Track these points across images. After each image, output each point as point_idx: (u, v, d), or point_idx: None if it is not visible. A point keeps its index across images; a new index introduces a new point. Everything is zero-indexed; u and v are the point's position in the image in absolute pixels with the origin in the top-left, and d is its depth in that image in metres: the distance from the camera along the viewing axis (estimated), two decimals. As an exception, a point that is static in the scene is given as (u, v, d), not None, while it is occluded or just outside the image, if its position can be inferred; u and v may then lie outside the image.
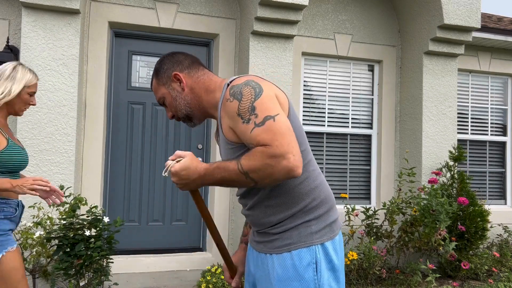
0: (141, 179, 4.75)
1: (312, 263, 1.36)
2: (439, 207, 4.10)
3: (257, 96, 1.30)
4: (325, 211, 1.42)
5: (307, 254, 1.36)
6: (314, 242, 1.37)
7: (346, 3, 5.24)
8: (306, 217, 1.39)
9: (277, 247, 1.40)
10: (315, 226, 1.39)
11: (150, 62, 4.80)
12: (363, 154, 5.39)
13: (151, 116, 4.78)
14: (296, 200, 1.39)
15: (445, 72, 5.10)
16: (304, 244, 1.37)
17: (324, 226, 1.41)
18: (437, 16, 4.83)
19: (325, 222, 1.41)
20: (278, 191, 1.40)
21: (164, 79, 1.51)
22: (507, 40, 5.59)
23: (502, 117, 6.07)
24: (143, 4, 4.49)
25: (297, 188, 1.39)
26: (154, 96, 1.67)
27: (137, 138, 4.74)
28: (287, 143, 1.22)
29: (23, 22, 3.83)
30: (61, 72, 3.90)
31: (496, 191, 6.01)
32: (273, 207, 1.41)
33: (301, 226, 1.39)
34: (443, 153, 5.03)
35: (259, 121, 1.26)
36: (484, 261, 4.50)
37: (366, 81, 5.43)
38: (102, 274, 3.41)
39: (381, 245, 4.81)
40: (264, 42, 4.45)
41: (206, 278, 3.83)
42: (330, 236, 1.41)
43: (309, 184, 1.41)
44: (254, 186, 1.32)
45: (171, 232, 4.87)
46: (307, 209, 1.40)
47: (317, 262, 1.36)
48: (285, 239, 1.39)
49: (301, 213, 1.39)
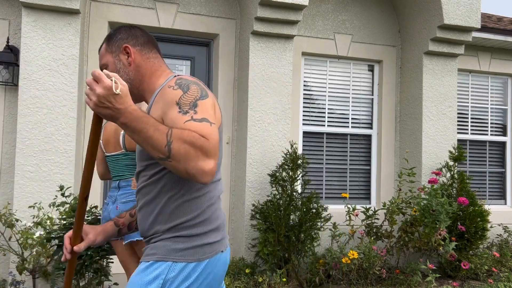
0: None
1: (160, 278, 1.32)
2: (439, 207, 4.10)
3: (202, 97, 1.30)
4: (201, 232, 1.38)
5: (160, 268, 1.33)
6: (173, 259, 1.34)
7: (346, 3, 5.24)
8: (177, 233, 1.36)
9: (146, 255, 1.39)
10: (182, 244, 1.35)
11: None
12: (363, 154, 5.39)
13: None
14: (177, 215, 1.36)
15: (445, 72, 5.10)
16: (161, 258, 1.34)
17: (193, 246, 1.36)
18: (437, 16, 4.84)
19: (196, 243, 1.36)
20: (166, 197, 1.37)
21: (114, 48, 1.50)
22: (507, 40, 5.59)
23: (502, 117, 6.07)
24: (143, 4, 4.49)
25: (184, 205, 1.37)
26: (98, 60, 1.60)
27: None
28: (215, 151, 1.21)
29: (23, 22, 3.83)
30: (61, 72, 3.90)
31: (496, 191, 6.01)
32: (155, 212, 1.38)
33: (169, 240, 1.36)
34: (443, 153, 5.03)
35: (197, 117, 1.24)
36: (484, 261, 4.50)
37: (366, 81, 5.43)
38: (102, 274, 3.41)
39: (381, 245, 4.81)
40: (264, 42, 4.45)
41: (206, 278, 3.83)
42: (198, 258, 1.36)
43: (197, 204, 1.38)
44: (160, 160, 1.23)
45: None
46: (183, 226, 1.36)
47: (166, 279, 1.32)
48: (152, 248, 1.38)
49: (176, 229, 1.36)
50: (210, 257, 1.38)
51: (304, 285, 3.97)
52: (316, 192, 4.12)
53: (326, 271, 3.99)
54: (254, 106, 4.40)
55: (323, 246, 4.81)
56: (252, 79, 4.40)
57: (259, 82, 4.42)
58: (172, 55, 4.84)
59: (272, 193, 4.20)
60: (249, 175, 4.35)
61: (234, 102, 4.77)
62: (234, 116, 4.76)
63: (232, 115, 4.76)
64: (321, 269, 3.98)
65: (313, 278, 3.98)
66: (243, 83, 4.57)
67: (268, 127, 4.43)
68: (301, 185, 4.33)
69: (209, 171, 1.19)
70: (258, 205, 4.14)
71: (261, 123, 4.41)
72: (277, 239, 3.90)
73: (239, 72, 4.74)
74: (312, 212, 4.00)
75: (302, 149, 5.12)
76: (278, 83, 4.48)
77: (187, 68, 4.93)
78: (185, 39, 4.80)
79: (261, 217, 4.01)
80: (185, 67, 4.92)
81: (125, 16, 4.43)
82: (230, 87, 4.77)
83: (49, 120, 3.85)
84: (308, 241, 4.00)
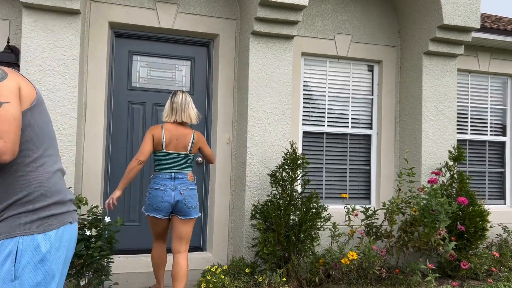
0: (141, 179, 4.76)
1: (12, 254, 1.38)
2: (439, 207, 4.11)
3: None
4: (42, 206, 1.46)
5: (9, 244, 1.39)
6: (20, 234, 1.40)
7: (346, 4, 5.25)
8: (18, 209, 1.43)
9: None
10: (24, 218, 1.42)
11: (150, 62, 4.81)
12: (363, 154, 5.40)
13: (151, 116, 4.79)
14: (14, 192, 1.43)
15: (445, 72, 5.11)
16: (8, 235, 1.40)
17: (36, 219, 1.43)
18: (437, 16, 4.84)
19: (39, 215, 1.44)
20: (4, 178, 1.43)
21: None
22: (507, 40, 5.60)
23: (502, 117, 6.08)
24: (144, 5, 4.50)
25: (18, 180, 1.43)
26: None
27: (137, 138, 4.75)
28: (4, 130, 1.30)
29: (24, 23, 3.84)
30: (62, 72, 3.91)
31: (496, 191, 6.02)
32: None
33: (11, 218, 1.42)
34: (442, 153, 5.04)
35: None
36: (484, 261, 4.50)
37: (365, 81, 5.44)
38: (102, 274, 3.41)
39: (380, 245, 4.82)
40: (264, 42, 4.46)
41: (206, 278, 3.84)
42: (44, 229, 1.44)
43: (30, 179, 1.45)
44: None
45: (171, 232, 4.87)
46: (21, 202, 1.43)
47: (18, 253, 1.38)
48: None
49: (15, 206, 1.43)
50: (56, 227, 1.48)
51: (304, 285, 3.97)
52: (316, 192, 4.13)
53: (326, 270, 4.00)
54: (254, 106, 4.41)
55: (323, 246, 4.82)
56: (252, 79, 4.41)
57: (259, 82, 4.43)
58: (172, 55, 4.85)
59: (272, 193, 4.21)
60: (249, 175, 4.36)
61: (234, 102, 4.78)
62: (234, 116, 4.77)
63: (232, 115, 4.77)
64: (321, 268, 3.99)
65: (313, 278, 3.99)
66: (243, 83, 4.58)
67: (268, 127, 4.44)
68: (301, 185, 4.34)
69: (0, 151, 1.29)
70: (258, 205, 4.15)
71: (261, 123, 4.42)
72: (277, 239, 3.90)
73: (239, 72, 4.75)
74: (312, 212, 4.01)
75: (302, 149, 5.12)
76: (278, 83, 4.49)
77: (187, 68, 4.93)
78: (185, 39, 4.81)
79: (261, 217, 4.01)
80: (185, 67, 4.93)
81: (125, 16, 4.43)
82: (230, 87, 4.78)
83: (49, 120, 3.85)
84: (308, 241, 4.00)
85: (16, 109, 1.36)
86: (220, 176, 4.69)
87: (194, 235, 4.90)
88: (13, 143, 1.32)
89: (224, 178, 4.71)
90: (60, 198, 1.52)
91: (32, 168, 1.46)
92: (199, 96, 4.96)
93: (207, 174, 4.89)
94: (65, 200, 1.55)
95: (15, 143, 1.33)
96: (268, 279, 3.87)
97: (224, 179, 4.71)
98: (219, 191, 4.68)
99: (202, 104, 4.96)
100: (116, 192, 3.29)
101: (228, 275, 3.95)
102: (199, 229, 4.94)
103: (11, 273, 1.37)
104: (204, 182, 4.92)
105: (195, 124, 4.80)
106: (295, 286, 3.99)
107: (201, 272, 4.33)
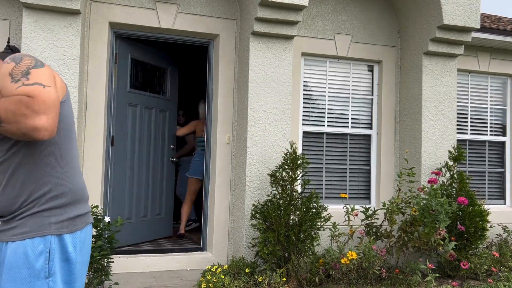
0: (142, 179, 4.76)
1: (45, 252, 1.39)
2: (439, 207, 4.11)
3: (36, 66, 1.35)
4: (69, 202, 1.46)
5: (41, 243, 1.39)
6: (50, 233, 1.40)
7: (346, 4, 5.26)
8: (46, 205, 1.42)
9: (14, 235, 1.41)
10: (54, 218, 1.42)
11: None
12: (363, 154, 5.40)
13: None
14: (42, 185, 1.42)
15: (445, 72, 5.12)
16: (40, 233, 1.40)
17: (66, 219, 1.44)
18: (437, 17, 4.85)
19: (68, 215, 1.45)
20: (24, 171, 1.41)
21: None
22: (507, 41, 5.60)
23: (502, 117, 6.09)
24: (144, 5, 4.50)
25: (45, 174, 1.42)
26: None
27: (137, 138, 4.75)
28: (48, 107, 1.26)
29: (24, 23, 3.84)
30: (62, 72, 3.91)
31: (496, 191, 6.02)
32: (17, 188, 1.41)
33: (41, 214, 1.41)
34: (442, 153, 5.05)
35: (28, 83, 1.28)
36: (484, 261, 4.51)
37: (365, 81, 5.44)
38: (102, 274, 3.42)
39: (380, 245, 4.82)
40: (264, 42, 4.46)
41: (207, 278, 3.84)
42: (71, 230, 1.45)
43: (57, 173, 1.45)
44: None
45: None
46: (50, 197, 1.43)
47: (51, 251, 1.40)
48: (22, 226, 1.41)
49: (42, 201, 1.42)
50: (81, 228, 1.49)
51: (304, 285, 3.98)
52: (316, 192, 4.13)
53: (326, 270, 4.01)
54: (254, 106, 4.41)
55: (323, 246, 4.82)
56: (252, 79, 4.42)
57: (259, 82, 4.43)
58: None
59: (272, 193, 4.21)
60: (249, 175, 4.36)
61: (234, 102, 4.78)
62: (234, 116, 4.78)
63: (232, 115, 4.77)
64: (321, 268, 3.99)
65: (313, 278, 3.99)
66: (243, 83, 4.58)
67: (268, 127, 4.45)
68: (301, 185, 4.34)
69: (42, 127, 1.24)
70: (258, 205, 4.15)
71: (261, 123, 4.42)
72: (277, 239, 3.91)
73: (239, 72, 4.75)
74: (312, 212, 4.01)
75: (302, 149, 5.13)
76: (278, 83, 4.49)
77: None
78: (186, 40, 4.81)
79: (261, 217, 4.02)
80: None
81: (126, 16, 4.44)
82: (230, 87, 4.78)
83: (49, 120, 3.85)
84: (308, 240, 4.01)
85: (57, 95, 1.33)
86: (220, 176, 4.70)
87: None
88: (55, 122, 1.29)
89: (224, 178, 4.72)
90: (82, 196, 1.53)
91: (62, 163, 1.46)
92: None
93: (207, 174, 4.89)
94: (87, 198, 1.56)
95: (56, 124, 1.30)
96: (268, 279, 3.88)
97: (224, 179, 4.71)
98: (219, 191, 4.69)
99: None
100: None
101: (228, 275, 3.95)
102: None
103: (45, 270, 1.38)
104: (204, 182, 4.92)
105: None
106: (295, 286, 3.99)
107: (201, 272, 4.33)
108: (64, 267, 1.43)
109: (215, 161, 4.70)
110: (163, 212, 5.28)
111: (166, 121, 5.34)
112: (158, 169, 5.14)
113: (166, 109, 5.30)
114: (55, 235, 1.41)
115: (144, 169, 4.93)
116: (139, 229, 4.89)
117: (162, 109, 5.22)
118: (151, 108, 5.04)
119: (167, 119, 5.36)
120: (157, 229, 5.19)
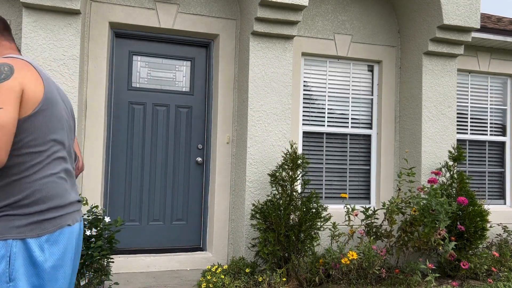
0: (142, 179, 4.76)
1: (6, 257, 1.38)
2: (439, 207, 4.11)
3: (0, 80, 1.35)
4: (37, 211, 1.45)
5: (3, 247, 1.39)
6: (12, 237, 1.40)
7: (345, 4, 5.26)
8: (11, 212, 1.42)
9: None
10: (18, 222, 1.42)
11: (150, 62, 4.81)
12: (363, 154, 5.40)
13: (151, 116, 4.80)
14: (10, 194, 1.42)
15: (445, 72, 5.12)
16: (1, 237, 1.40)
17: (30, 223, 1.43)
18: (437, 17, 4.85)
19: (32, 219, 1.44)
20: (2, 180, 1.42)
21: None
22: (507, 41, 5.60)
23: (502, 117, 6.09)
24: (144, 5, 4.50)
25: (15, 184, 1.43)
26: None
27: (137, 138, 4.75)
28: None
29: (24, 23, 3.84)
30: (62, 72, 3.91)
31: (496, 191, 6.03)
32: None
33: (5, 218, 1.42)
34: (442, 153, 5.05)
35: None
36: (484, 261, 4.51)
37: (365, 81, 5.44)
38: (102, 274, 3.42)
39: (380, 245, 4.82)
40: (264, 42, 4.46)
41: (206, 278, 3.84)
42: (37, 233, 1.43)
43: (28, 183, 1.44)
44: None
45: (171, 231, 4.88)
46: (17, 205, 1.43)
47: (11, 256, 1.39)
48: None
49: (9, 208, 1.42)
50: (51, 231, 1.47)
51: (304, 285, 3.98)
52: (316, 192, 4.13)
53: (326, 270, 4.01)
54: (254, 106, 4.41)
55: (323, 246, 4.82)
56: (252, 79, 4.42)
57: (259, 82, 4.43)
58: (172, 55, 4.86)
59: (272, 193, 4.21)
60: (249, 175, 4.36)
61: (234, 102, 4.78)
62: (234, 116, 4.78)
63: (232, 115, 4.77)
64: (321, 268, 3.99)
65: (313, 278, 3.99)
66: (243, 83, 4.58)
67: (268, 127, 4.45)
68: (301, 185, 4.34)
69: None
70: (258, 205, 4.15)
71: (261, 123, 4.42)
72: (277, 239, 3.91)
73: (239, 72, 4.75)
74: (312, 212, 4.01)
75: (302, 149, 5.13)
76: (278, 83, 4.49)
77: (187, 68, 4.94)
78: (185, 39, 4.82)
79: (261, 217, 4.02)
80: (185, 67, 4.93)
81: (126, 16, 4.44)
82: (230, 87, 4.78)
83: (49, 120, 3.85)
84: (308, 240, 4.01)
85: (8, 115, 1.33)
86: (220, 176, 4.70)
87: (194, 234, 4.91)
88: (3, 151, 1.30)
89: (224, 178, 4.72)
90: (58, 203, 1.51)
91: (31, 173, 1.45)
92: (199, 96, 4.96)
93: (207, 174, 4.89)
94: (64, 204, 1.53)
95: (5, 153, 1.30)
96: (268, 279, 3.88)
97: (224, 179, 4.71)
98: (219, 191, 4.69)
99: (202, 104, 4.97)
100: None
101: (228, 275, 3.95)
102: (199, 229, 4.94)
103: (5, 275, 1.37)
104: (204, 182, 4.92)
105: (197, 121, 4.81)
106: (295, 286, 3.99)
107: (201, 272, 4.33)
108: (30, 271, 1.42)
109: (215, 161, 4.70)
110: (187, 218, 4.93)
111: (190, 119, 4.94)
112: (179, 171, 4.90)
113: (188, 105, 4.98)
114: (17, 239, 1.40)
115: (159, 171, 4.82)
116: (146, 232, 4.88)
117: (181, 106, 4.95)
118: (165, 106, 4.91)
119: (192, 116, 4.95)
120: (176, 236, 4.89)
